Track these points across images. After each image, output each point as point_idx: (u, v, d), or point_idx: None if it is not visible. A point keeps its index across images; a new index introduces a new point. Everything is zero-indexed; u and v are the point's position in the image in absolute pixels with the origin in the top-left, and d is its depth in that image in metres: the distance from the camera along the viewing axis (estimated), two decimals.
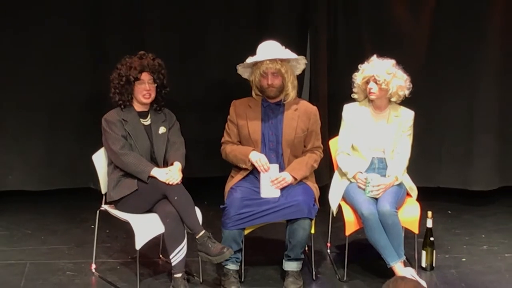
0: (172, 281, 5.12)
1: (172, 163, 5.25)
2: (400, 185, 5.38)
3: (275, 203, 5.17)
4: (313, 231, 5.27)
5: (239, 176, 5.35)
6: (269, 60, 5.25)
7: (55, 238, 6.01)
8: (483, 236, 6.15)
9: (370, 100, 5.42)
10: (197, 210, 5.15)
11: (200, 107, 6.56)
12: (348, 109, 5.48)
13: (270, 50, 5.28)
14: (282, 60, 5.27)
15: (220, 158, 5.49)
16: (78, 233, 6.09)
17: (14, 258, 5.64)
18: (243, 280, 5.32)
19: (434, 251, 5.53)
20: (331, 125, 6.19)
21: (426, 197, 5.82)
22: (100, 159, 5.38)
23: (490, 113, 6.55)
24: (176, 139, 5.37)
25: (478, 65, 6.48)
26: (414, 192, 5.50)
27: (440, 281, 5.37)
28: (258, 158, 5.26)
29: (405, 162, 5.42)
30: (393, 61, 5.36)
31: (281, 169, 5.30)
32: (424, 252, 5.51)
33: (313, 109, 5.47)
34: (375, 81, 5.31)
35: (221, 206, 5.23)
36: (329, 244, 5.84)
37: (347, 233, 5.31)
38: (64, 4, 6.29)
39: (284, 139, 5.34)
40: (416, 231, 5.34)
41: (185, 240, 5.07)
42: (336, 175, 5.52)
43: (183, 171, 5.24)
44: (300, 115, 5.38)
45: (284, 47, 5.35)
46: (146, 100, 5.28)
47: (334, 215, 5.48)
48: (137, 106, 5.33)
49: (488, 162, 6.59)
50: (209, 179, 6.43)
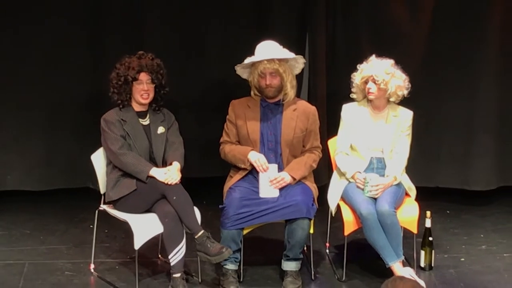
0: (171, 281, 5.12)
1: (171, 163, 5.25)
2: (399, 185, 5.38)
3: (274, 203, 5.17)
4: (312, 231, 5.27)
5: (238, 176, 5.35)
6: (267, 60, 5.25)
7: (54, 238, 6.00)
8: (482, 236, 6.15)
9: (369, 100, 5.42)
10: (196, 210, 5.15)
11: (199, 107, 6.56)
12: (346, 109, 5.48)
13: (268, 50, 5.28)
14: (280, 60, 5.27)
15: (219, 158, 5.48)
16: (77, 233, 6.09)
17: (13, 258, 5.63)
18: (242, 280, 5.32)
19: (433, 251, 5.53)
20: (330, 125, 6.19)
21: (425, 197, 5.82)
22: (99, 159, 5.38)
23: (489, 113, 6.54)
24: (175, 139, 5.37)
25: (478, 65, 6.48)
26: (413, 192, 5.50)
27: (439, 281, 5.37)
28: (257, 158, 5.26)
29: (404, 162, 5.43)
30: (391, 61, 5.37)
31: (280, 169, 5.30)
32: (422, 252, 5.51)
33: (312, 109, 5.47)
34: (373, 81, 5.31)
35: (220, 206, 5.23)
36: (328, 244, 5.84)
37: (346, 233, 5.31)
38: (64, 4, 6.30)
39: (283, 139, 5.34)
40: (415, 231, 5.35)
41: (184, 240, 5.07)
42: (335, 175, 5.52)
43: (182, 171, 5.24)
44: (299, 115, 5.38)
45: (282, 47, 5.35)
46: (144, 101, 5.28)
47: (333, 215, 5.48)
48: (136, 106, 5.32)
49: (487, 162, 6.59)
50: (208, 179, 6.43)
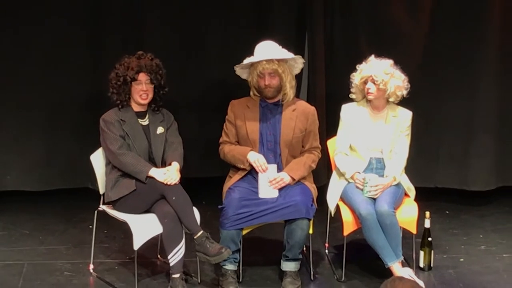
0: (170, 282, 5.12)
1: (170, 163, 5.25)
2: (398, 185, 5.38)
3: (273, 204, 5.17)
4: (311, 231, 5.27)
5: (237, 176, 5.35)
6: (266, 61, 5.25)
7: (53, 239, 6.00)
8: (481, 236, 6.15)
9: (368, 100, 5.42)
10: (195, 210, 5.15)
11: (199, 107, 6.56)
12: (346, 109, 5.48)
13: (267, 50, 5.28)
14: (279, 60, 5.27)
15: (218, 158, 5.48)
16: (76, 234, 6.09)
17: (12, 258, 5.63)
18: (241, 280, 5.32)
19: (432, 251, 5.53)
20: (329, 125, 6.19)
21: (424, 197, 5.83)
22: (98, 159, 5.38)
23: (488, 113, 6.54)
24: (174, 139, 5.37)
25: (477, 65, 6.48)
26: (412, 192, 5.50)
27: (438, 281, 5.37)
28: (256, 158, 5.26)
29: (403, 162, 5.43)
30: (391, 61, 5.37)
31: (279, 169, 5.30)
32: (422, 252, 5.51)
33: (311, 109, 5.47)
34: (373, 81, 5.31)
35: (219, 206, 5.23)
36: (327, 244, 5.84)
37: (345, 233, 5.31)
38: (64, 4, 6.29)
39: (282, 139, 5.34)
40: (414, 231, 5.34)
41: (183, 240, 5.07)
42: (334, 175, 5.52)
43: (181, 171, 5.24)
44: (298, 115, 5.38)
45: (281, 47, 5.35)
46: (143, 101, 5.28)
47: (332, 215, 5.48)
48: (135, 106, 5.32)
49: (486, 162, 6.59)
50: (207, 179, 6.43)
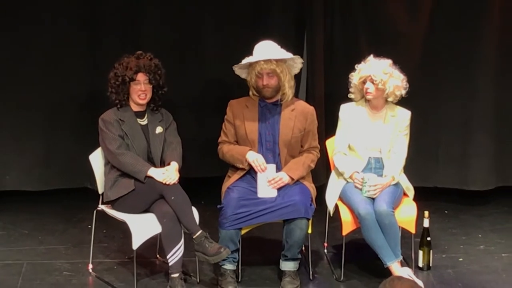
0: (169, 281, 5.12)
1: (169, 163, 5.25)
2: (397, 185, 5.38)
3: (272, 203, 5.17)
4: (310, 231, 5.27)
5: (236, 176, 5.35)
6: (264, 61, 5.25)
7: (52, 238, 6.00)
8: (480, 236, 6.16)
9: (366, 100, 5.42)
10: (194, 210, 5.15)
11: (198, 107, 6.57)
12: (344, 109, 5.49)
13: (265, 50, 5.28)
14: (277, 60, 5.27)
15: (217, 158, 5.49)
16: (75, 233, 6.09)
17: (11, 258, 5.63)
18: (240, 280, 5.32)
19: (431, 251, 5.53)
20: (328, 125, 6.20)
21: (423, 197, 5.83)
22: (97, 159, 5.38)
23: (487, 113, 6.55)
24: (173, 139, 5.37)
25: (476, 65, 6.48)
26: (411, 192, 5.50)
27: (437, 281, 5.37)
28: (255, 158, 5.26)
29: (402, 162, 5.43)
30: (389, 61, 5.37)
31: (278, 169, 5.30)
32: (421, 252, 5.51)
33: (310, 109, 5.47)
34: (371, 81, 5.32)
35: (218, 206, 5.23)
36: (326, 244, 5.84)
37: (344, 233, 5.31)
38: (64, 4, 6.30)
39: (281, 139, 5.34)
40: (413, 231, 5.35)
41: (182, 240, 5.07)
42: (333, 175, 5.53)
43: (180, 171, 5.24)
44: (297, 115, 5.38)
45: (280, 47, 5.35)
46: (141, 101, 5.28)
47: (331, 215, 5.48)
48: (134, 106, 5.33)
49: (485, 162, 6.59)
50: (206, 179, 6.43)
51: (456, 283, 5.34)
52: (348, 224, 5.29)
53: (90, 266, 5.48)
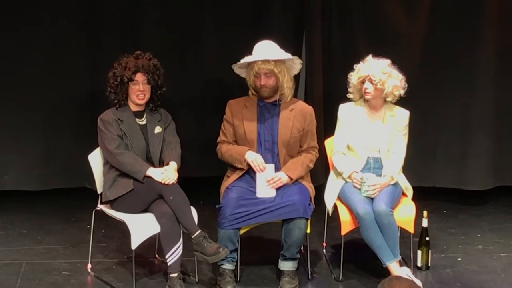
0: (168, 281, 5.12)
1: (167, 163, 5.25)
2: (396, 184, 5.38)
3: (270, 203, 5.17)
4: (308, 231, 5.27)
5: (234, 176, 5.35)
6: (262, 61, 5.25)
7: (51, 238, 6.00)
8: (479, 235, 6.16)
9: (365, 100, 5.42)
10: (193, 210, 5.15)
11: (196, 107, 6.57)
12: (343, 109, 5.49)
13: (264, 50, 5.28)
14: (276, 61, 5.26)
15: (216, 157, 5.49)
16: (74, 233, 6.09)
17: (10, 258, 5.63)
18: (238, 279, 5.32)
19: (430, 251, 5.53)
20: (326, 125, 6.20)
21: (422, 196, 5.84)
22: (96, 159, 5.38)
23: (485, 113, 6.55)
24: (172, 139, 5.38)
25: (475, 65, 6.48)
26: (410, 192, 5.50)
27: (436, 281, 5.38)
28: (254, 158, 5.26)
29: (401, 162, 5.43)
30: (388, 61, 5.37)
31: (277, 169, 5.30)
32: (419, 252, 5.51)
33: (309, 109, 5.47)
34: (370, 81, 5.32)
35: (217, 206, 5.23)
36: (324, 244, 5.84)
37: (343, 232, 5.31)
38: (64, 4, 6.30)
39: (279, 139, 5.34)
40: (411, 230, 5.35)
41: (181, 240, 5.07)
42: (332, 175, 5.53)
43: (179, 171, 5.24)
44: (296, 115, 5.38)
45: (279, 47, 5.34)
46: (140, 101, 5.28)
47: (330, 214, 5.48)
48: (133, 106, 5.33)
49: (484, 162, 6.59)
50: (205, 179, 6.43)
51: (454, 283, 5.35)
52: (346, 224, 5.29)
53: (89, 266, 5.48)
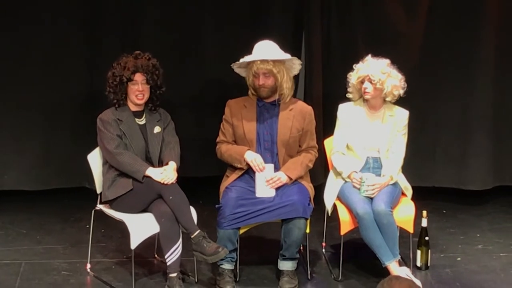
0: (167, 281, 5.12)
1: (167, 163, 5.25)
2: (395, 184, 5.38)
3: (270, 203, 5.17)
4: (308, 231, 5.27)
5: (234, 176, 5.35)
6: (261, 61, 5.24)
7: (50, 238, 6.00)
8: (478, 235, 6.16)
9: (365, 99, 5.42)
10: (192, 210, 5.15)
11: (196, 107, 6.57)
12: (343, 109, 5.49)
13: (263, 50, 5.28)
14: (275, 61, 5.26)
15: (215, 157, 5.49)
16: (73, 233, 6.09)
17: (9, 257, 5.63)
18: (238, 279, 5.32)
19: (429, 251, 5.53)
20: (326, 124, 6.20)
21: (421, 196, 5.84)
22: (95, 158, 5.38)
23: (485, 113, 6.55)
24: (171, 139, 5.37)
25: (474, 65, 6.48)
26: (409, 192, 5.50)
27: (435, 281, 5.38)
28: (253, 157, 5.26)
29: (400, 162, 5.43)
30: (387, 61, 5.37)
31: (276, 168, 5.30)
32: (419, 252, 5.51)
33: (308, 109, 5.47)
34: (370, 80, 5.32)
35: (216, 206, 5.23)
36: (324, 244, 5.84)
37: (342, 232, 5.31)
38: (64, 4, 6.30)
39: (279, 138, 5.34)
40: (411, 230, 5.35)
41: (180, 239, 5.07)
42: (331, 175, 5.53)
43: (178, 171, 5.24)
44: (295, 115, 5.38)
45: (279, 47, 5.34)
46: (139, 101, 5.28)
47: (329, 214, 5.48)
48: (132, 106, 5.32)
49: (483, 161, 6.60)
50: (204, 179, 6.43)
51: (454, 283, 5.35)
52: (346, 223, 5.29)
53: (88, 265, 5.48)
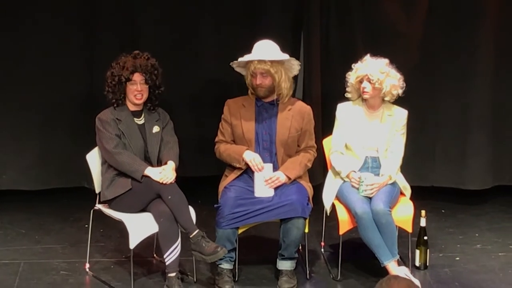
0: (166, 280, 5.12)
1: (165, 162, 5.25)
2: (394, 184, 5.38)
3: (269, 203, 5.17)
4: (307, 230, 5.27)
5: (233, 175, 5.35)
6: (258, 60, 5.24)
7: (49, 238, 6.00)
8: (477, 235, 6.16)
9: (363, 99, 5.42)
10: (191, 209, 5.15)
11: (195, 106, 6.57)
12: (341, 108, 5.49)
13: (261, 50, 5.27)
14: (272, 61, 5.26)
15: (214, 157, 5.49)
16: (72, 233, 6.09)
17: (8, 257, 5.63)
18: (237, 279, 5.32)
19: (428, 250, 5.53)
20: (324, 124, 6.20)
21: (420, 196, 5.83)
22: (94, 158, 5.38)
23: (483, 113, 6.55)
24: (170, 138, 5.37)
25: (473, 65, 6.49)
26: (408, 191, 5.50)
27: (434, 280, 5.38)
28: (252, 157, 5.26)
29: (399, 161, 5.43)
30: (386, 60, 5.37)
31: (275, 168, 5.30)
32: (417, 251, 5.51)
33: (307, 108, 5.47)
34: (368, 80, 5.32)
35: (215, 205, 5.23)
36: (323, 243, 5.84)
37: (341, 232, 5.31)
38: (63, 4, 6.30)
39: (278, 138, 5.34)
40: (409, 230, 5.35)
41: (179, 239, 5.07)
42: (330, 174, 5.53)
43: (177, 170, 5.24)
44: (294, 114, 5.38)
45: (278, 47, 5.34)
46: (137, 101, 5.28)
47: (328, 214, 5.48)
48: (130, 106, 5.32)
49: (482, 161, 6.60)
50: (203, 178, 6.43)
51: (453, 282, 5.35)
52: (345, 223, 5.29)
53: (87, 265, 5.47)
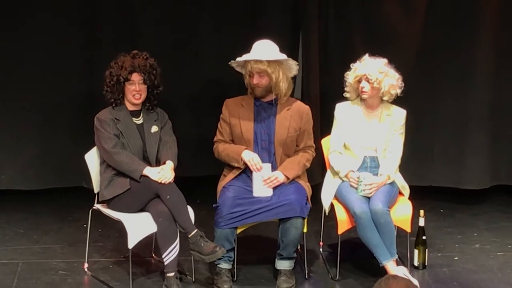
0: (164, 280, 5.12)
1: (164, 162, 5.25)
2: (393, 183, 5.38)
3: (267, 202, 5.17)
4: (305, 230, 5.27)
5: (231, 175, 5.35)
6: (255, 60, 5.24)
7: (48, 238, 6.00)
8: (475, 234, 6.17)
9: (362, 99, 5.42)
10: (190, 209, 5.15)
11: (194, 106, 6.57)
12: (340, 108, 5.49)
13: (259, 49, 5.27)
14: (269, 61, 5.25)
15: (212, 157, 5.49)
16: (70, 233, 6.09)
17: (6, 257, 5.63)
18: (235, 279, 5.32)
19: (427, 250, 5.54)
20: (323, 124, 6.20)
21: (419, 195, 5.83)
22: (92, 158, 5.38)
23: (482, 113, 6.55)
24: (168, 138, 5.37)
25: (471, 65, 6.49)
26: (406, 191, 5.50)
27: (433, 280, 5.38)
28: (250, 157, 5.26)
29: (397, 161, 5.43)
30: (385, 60, 5.37)
31: (274, 168, 5.30)
32: (416, 251, 5.51)
33: (306, 108, 5.47)
34: (367, 80, 5.32)
35: (214, 205, 5.23)
36: (321, 243, 5.84)
37: (340, 232, 5.31)
38: (63, 4, 6.30)
39: (276, 138, 5.34)
40: (408, 229, 5.35)
41: (178, 239, 5.07)
42: (329, 174, 5.53)
43: (176, 170, 5.24)
44: (293, 114, 5.38)
45: (277, 47, 5.33)
46: (136, 101, 5.27)
47: (327, 214, 5.48)
48: (129, 105, 5.32)
49: (480, 161, 6.60)
50: (201, 178, 6.43)
51: (451, 282, 5.35)
52: (343, 223, 5.29)
53: (86, 265, 5.47)
